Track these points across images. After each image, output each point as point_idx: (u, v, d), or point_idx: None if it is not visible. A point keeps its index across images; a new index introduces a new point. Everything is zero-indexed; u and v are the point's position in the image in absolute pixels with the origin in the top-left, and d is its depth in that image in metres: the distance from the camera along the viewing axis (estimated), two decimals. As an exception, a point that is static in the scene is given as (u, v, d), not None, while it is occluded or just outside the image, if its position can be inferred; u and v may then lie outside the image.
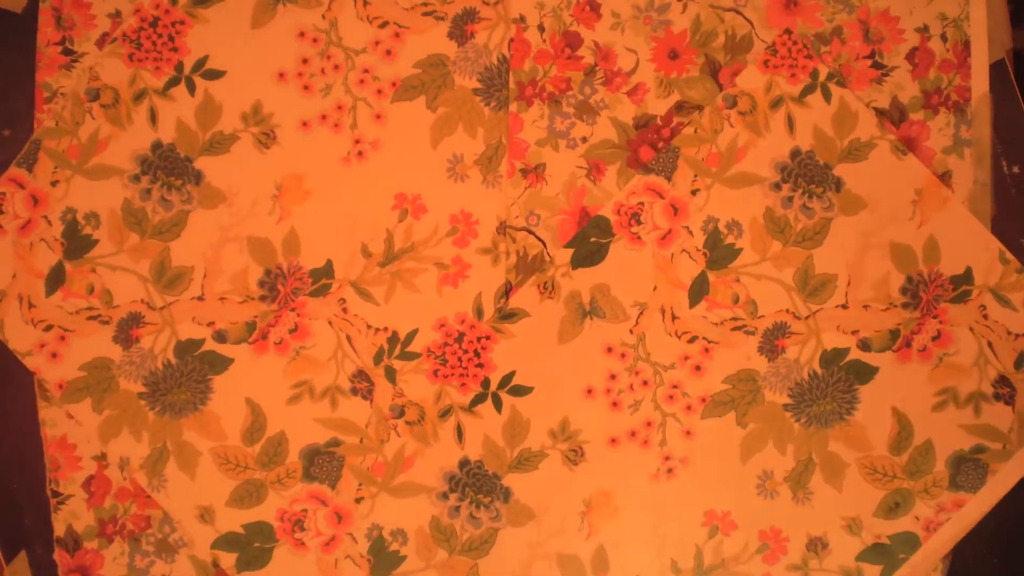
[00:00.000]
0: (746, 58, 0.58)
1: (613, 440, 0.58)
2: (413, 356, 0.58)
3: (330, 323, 0.58)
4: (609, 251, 0.58)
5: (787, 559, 0.58)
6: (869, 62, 0.59)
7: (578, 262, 0.58)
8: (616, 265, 0.58)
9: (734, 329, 0.58)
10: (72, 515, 0.58)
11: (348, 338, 0.58)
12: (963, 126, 0.59)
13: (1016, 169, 0.59)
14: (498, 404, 0.58)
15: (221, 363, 0.57)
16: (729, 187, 0.58)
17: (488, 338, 0.58)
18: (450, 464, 0.58)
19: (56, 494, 0.57)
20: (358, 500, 0.57)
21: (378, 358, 0.58)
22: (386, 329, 0.58)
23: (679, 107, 0.58)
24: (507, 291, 0.58)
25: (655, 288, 0.58)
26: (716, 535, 0.58)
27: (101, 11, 0.58)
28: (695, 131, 0.58)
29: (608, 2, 0.59)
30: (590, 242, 0.58)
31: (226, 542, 0.57)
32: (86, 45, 0.58)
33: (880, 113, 0.58)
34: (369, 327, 0.58)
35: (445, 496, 0.58)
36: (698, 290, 0.58)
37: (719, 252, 0.58)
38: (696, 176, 0.58)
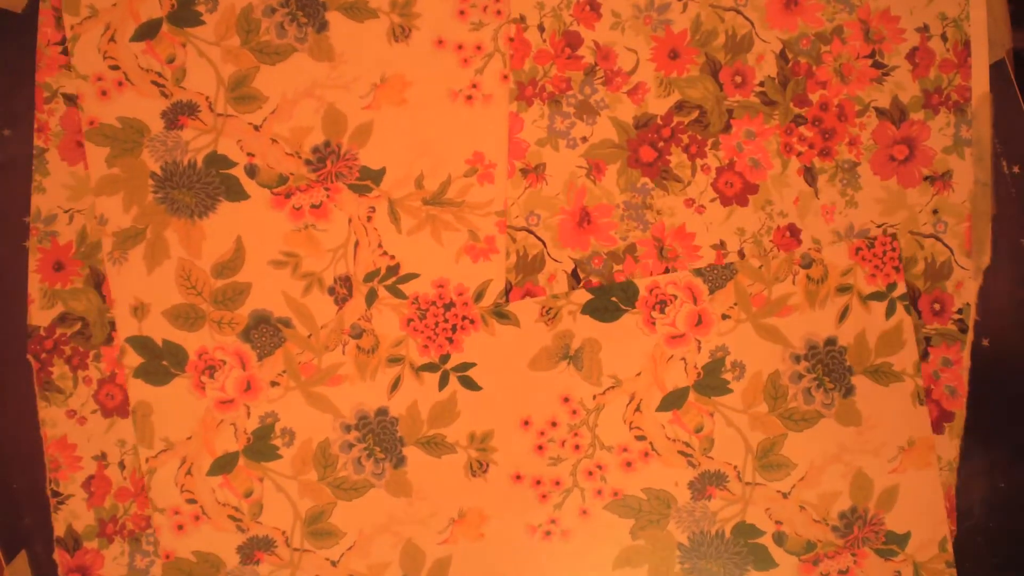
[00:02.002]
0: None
1: (518, 476, 0.58)
2: (400, 295, 0.58)
3: (350, 221, 0.58)
4: (621, 319, 0.58)
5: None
6: (869, 62, 0.58)
7: (589, 310, 0.58)
8: (619, 334, 0.58)
9: (680, 453, 0.58)
10: (72, 515, 0.57)
11: (356, 243, 0.58)
12: (963, 126, 0.58)
13: (1016, 169, 0.58)
14: (444, 382, 0.58)
15: (237, 193, 0.57)
16: (757, 332, 0.58)
17: (472, 322, 0.58)
18: (369, 406, 0.58)
19: (56, 494, 0.57)
20: (273, 384, 0.57)
21: (370, 277, 0.58)
22: (392, 257, 0.58)
23: (679, 107, 0.58)
24: (507, 290, 0.58)
25: (638, 374, 0.58)
26: (550, 613, 0.58)
27: None
28: (760, 267, 0.58)
29: (608, 2, 0.58)
30: (610, 300, 0.58)
31: (140, 344, 0.57)
32: None
33: (880, 113, 0.58)
34: (380, 246, 0.58)
35: (348, 429, 0.58)
36: (673, 400, 0.58)
37: (711, 380, 0.58)
38: (735, 304, 0.58)
